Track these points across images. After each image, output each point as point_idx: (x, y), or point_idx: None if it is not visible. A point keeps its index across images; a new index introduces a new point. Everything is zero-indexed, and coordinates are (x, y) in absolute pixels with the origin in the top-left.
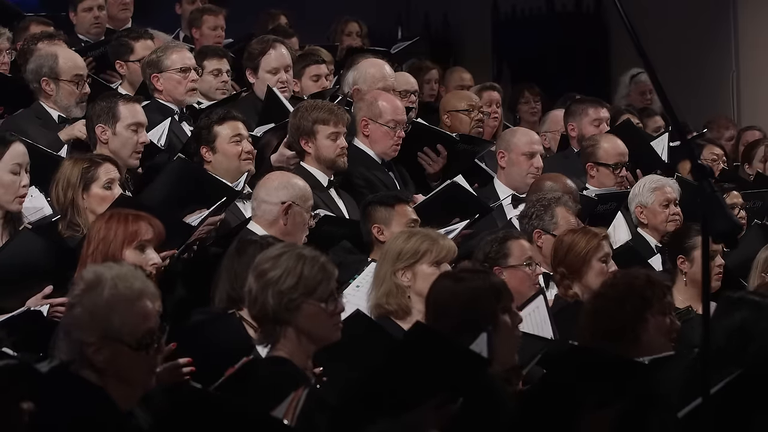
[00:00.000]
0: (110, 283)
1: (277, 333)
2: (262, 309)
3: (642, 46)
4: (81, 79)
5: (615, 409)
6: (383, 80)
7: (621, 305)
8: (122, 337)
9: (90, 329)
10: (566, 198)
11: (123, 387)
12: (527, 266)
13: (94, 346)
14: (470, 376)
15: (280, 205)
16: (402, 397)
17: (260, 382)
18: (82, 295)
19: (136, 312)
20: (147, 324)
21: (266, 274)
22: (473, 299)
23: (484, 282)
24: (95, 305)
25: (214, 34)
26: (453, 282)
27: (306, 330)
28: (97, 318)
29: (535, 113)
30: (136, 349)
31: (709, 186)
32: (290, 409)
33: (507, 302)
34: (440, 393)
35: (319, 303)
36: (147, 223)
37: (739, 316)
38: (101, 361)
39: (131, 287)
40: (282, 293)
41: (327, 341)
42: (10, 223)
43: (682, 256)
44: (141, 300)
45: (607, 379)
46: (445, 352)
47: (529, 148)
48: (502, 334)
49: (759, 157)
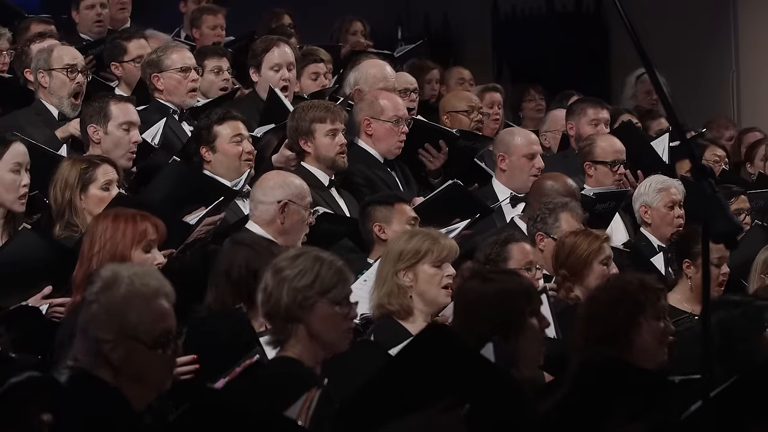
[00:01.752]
0: (127, 281)
1: (288, 331)
2: (275, 305)
3: (642, 46)
4: (74, 69)
5: (644, 424)
6: (384, 81)
7: (614, 309)
8: (138, 335)
9: (106, 326)
10: (574, 204)
11: (138, 387)
12: (527, 270)
13: (111, 343)
14: (478, 381)
15: (276, 204)
16: (407, 398)
17: (269, 382)
18: (99, 293)
19: (152, 310)
20: (164, 323)
21: (283, 272)
22: (502, 301)
23: (514, 283)
24: (112, 302)
25: (214, 33)
26: (481, 282)
27: (317, 332)
28: (114, 315)
29: (540, 111)
30: (152, 348)
31: (710, 186)
32: (303, 411)
33: (536, 305)
34: (447, 396)
35: (333, 305)
36: (152, 224)
37: (715, 318)
38: (117, 359)
39: (148, 285)
40: (297, 290)
41: (336, 348)
42: (11, 224)
43: (688, 261)
44: (157, 298)
45: (637, 393)
46: (455, 356)
47: (529, 149)
48: (529, 337)
49: (760, 156)
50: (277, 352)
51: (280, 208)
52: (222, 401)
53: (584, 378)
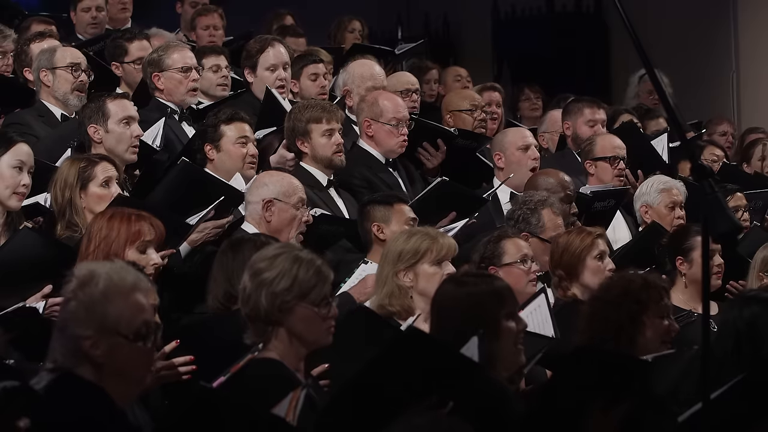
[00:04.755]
0: (105, 276)
1: (268, 333)
2: (254, 308)
3: (642, 46)
4: (78, 68)
5: (622, 408)
6: (372, 79)
7: (617, 308)
8: (119, 329)
9: (86, 323)
10: (552, 199)
11: (120, 383)
12: (522, 263)
13: (91, 339)
14: (460, 380)
15: (261, 203)
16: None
17: (250, 382)
18: (76, 290)
19: (131, 303)
20: (143, 315)
21: (261, 274)
22: (475, 304)
23: (487, 287)
24: (90, 299)
25: (207, 33)
26: (455, 286)
27: (298, 332)
28: (93, 311)
29: (536, 110)
30: (134, 341)
31: (710, 186)
32: (290, 410)
33: (511, 307)
34: (430, 396)
35: (313, 307)
36: (149, 224)
37: (748, 312)
38: (99, 356)
39: (125, 279)
40: (275, 295)
41: (318, 345)
42: (11, 225)
43: (681, 258)
44: (135, 292)
45: (614, 378)
46: (435, 355)
47: (522, 141)
48: (505, 339)
49: (757, 155)
50: (259, 352)
51: (264, 206)
52: (219, 400)
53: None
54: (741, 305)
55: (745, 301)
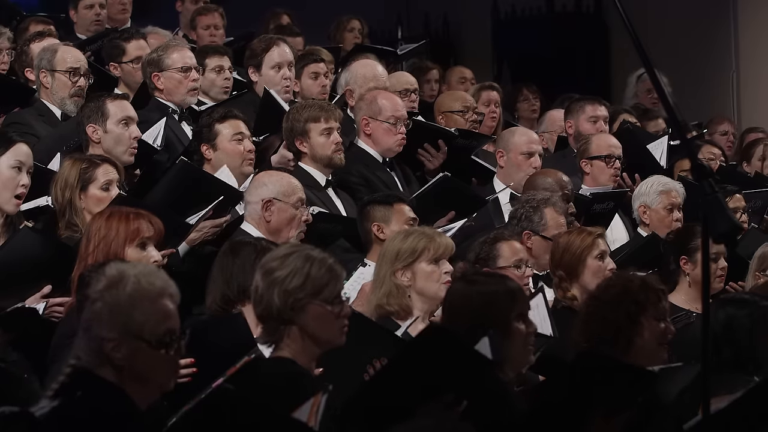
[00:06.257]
0: (133, 280)
1: (280, 332)
2: (267, 308)
3: (642, 46)
4: (77, 72)
5: (624, 416)
6: (375, 80)
7: (615, 309)
8: (143, 335)
9: (110, 325)
10: (555, 198)
11: (141, 387)
12: (516, 268)
13: (114, 342)
14: (475, 378)
15: (260, 203)
16: (407, 397)
17: (264, 381)
18: (103, 291)
19: (157, 309)
20: (168, 323)
21: (273, 273)
22: (486, 303)
23: (499, 286)
24: (117, 301)
25: (207, 33)
26: (466, 285)
27: (310, 331)
28: (118, 314)
29: (534, 111)
30: (156, 348)
31: (710, 186)
32: (312, 415)
33: (522, 308)
34: (446, 394)
35: (325, 305)
36: (147, 221)
37: (723, 314)
38: (120, 359)
39: (154, 284)
40: (288, 293)
41: (331, 344)
42: (10, 227)
43: (685, 257)
44: (162, 298)
45: (617, 386)
46: (452, 354)
47: (527, 147)
48: (514, 340)
49: (758, 155)
50: (272, 352)
51: (264, 206)
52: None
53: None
54: (716, 308)
55: (720, 304)
